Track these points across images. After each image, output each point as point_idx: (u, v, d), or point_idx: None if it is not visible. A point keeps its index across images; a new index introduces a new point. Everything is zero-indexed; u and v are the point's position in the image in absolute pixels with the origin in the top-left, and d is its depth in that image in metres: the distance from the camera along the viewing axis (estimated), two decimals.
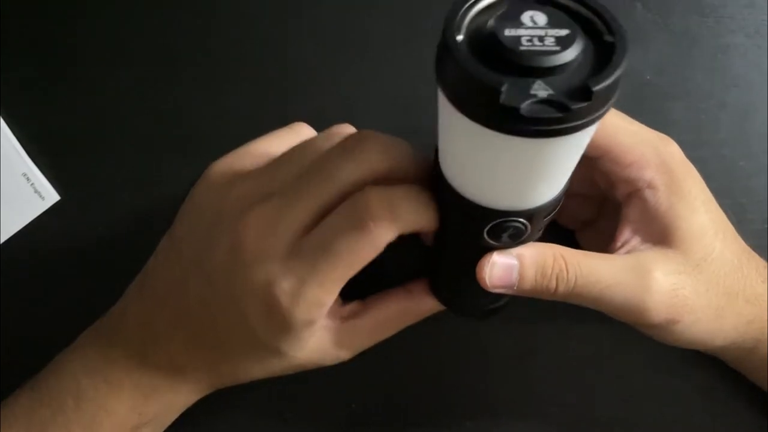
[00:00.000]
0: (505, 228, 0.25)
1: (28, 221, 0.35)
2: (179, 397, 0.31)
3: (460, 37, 0.21)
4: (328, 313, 0.29)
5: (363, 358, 0.35)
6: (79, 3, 0.37)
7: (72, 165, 0.36)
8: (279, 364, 0.29)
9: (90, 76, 0.36)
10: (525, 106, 0.20)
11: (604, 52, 0.22)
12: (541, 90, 0.21)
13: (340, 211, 0.27)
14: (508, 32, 0.21)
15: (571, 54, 0.21)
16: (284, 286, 0.26)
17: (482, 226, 0.25)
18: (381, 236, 0.26)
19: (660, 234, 0.28)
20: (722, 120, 0.36)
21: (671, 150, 0.29)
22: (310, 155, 0.28)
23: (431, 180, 0.27)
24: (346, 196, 0.27)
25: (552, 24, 0.21)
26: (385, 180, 0.27)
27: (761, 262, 0.31)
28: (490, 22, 0.21)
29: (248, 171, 0.29)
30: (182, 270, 0.29)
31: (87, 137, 0.36)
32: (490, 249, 0.26)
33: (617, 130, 0.28)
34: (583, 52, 0.21)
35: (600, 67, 0.21)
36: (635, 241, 0.29)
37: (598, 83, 0.20)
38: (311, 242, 0.27)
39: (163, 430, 0.32)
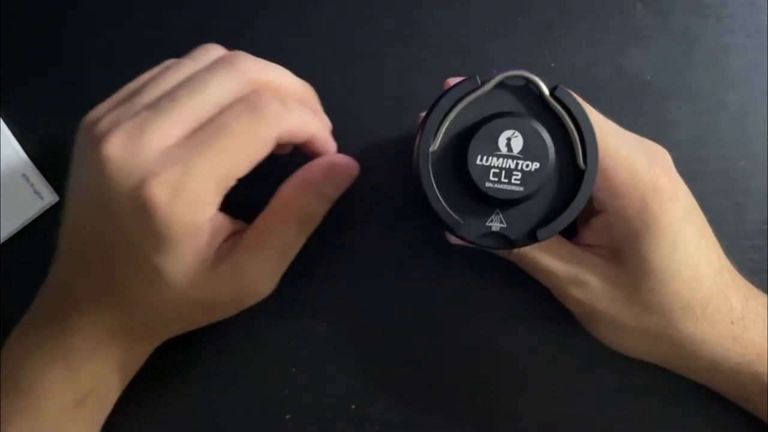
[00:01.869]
0: None
1: (28, 221, 0.35)
2: (109, 360, 0.29)
3: (434, 147, 0.24)
4: (215, 237, 0.27)
5: (363, 357, 0.35)
6: (79, 3, 0.37)
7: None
8: (170, 293, 0.27)
9: (90, 76, 0.36)
10: (478, 238, 0.24)
11: (571, 178, 0.24)
12: (497, 223, 0.24)
13: (227, 106, 0.26)
14: (480, 161, 0.23)
15: (533, 189, 0.23)
16: (161, 180, 0.25)
17: None
18: (274, 122, 0.26)
19: (614, 253, 0.29)
20: (722, 120, 0.36)
21: (655, 179, 0.27)
22: (177, 75, 0.27)
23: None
24: (222, 109, 0.26)
25: (526, 153, 0.23)
26: None
27: (740, 299, 0.30)
28: (468, 146, 0.23)
29: (115, 105, 0.28)
30: (70, 214, 0.29)
31: None
32: None
33: (603, 149, 0.26)
34: (548, 182, 0.24)
35: (561, 198, 0.24)
36: (595, 248, 0.30)
37: (544, 234, 0.24)
38: (193, 137, 0.25)
39: (112, 400, 0.31)
